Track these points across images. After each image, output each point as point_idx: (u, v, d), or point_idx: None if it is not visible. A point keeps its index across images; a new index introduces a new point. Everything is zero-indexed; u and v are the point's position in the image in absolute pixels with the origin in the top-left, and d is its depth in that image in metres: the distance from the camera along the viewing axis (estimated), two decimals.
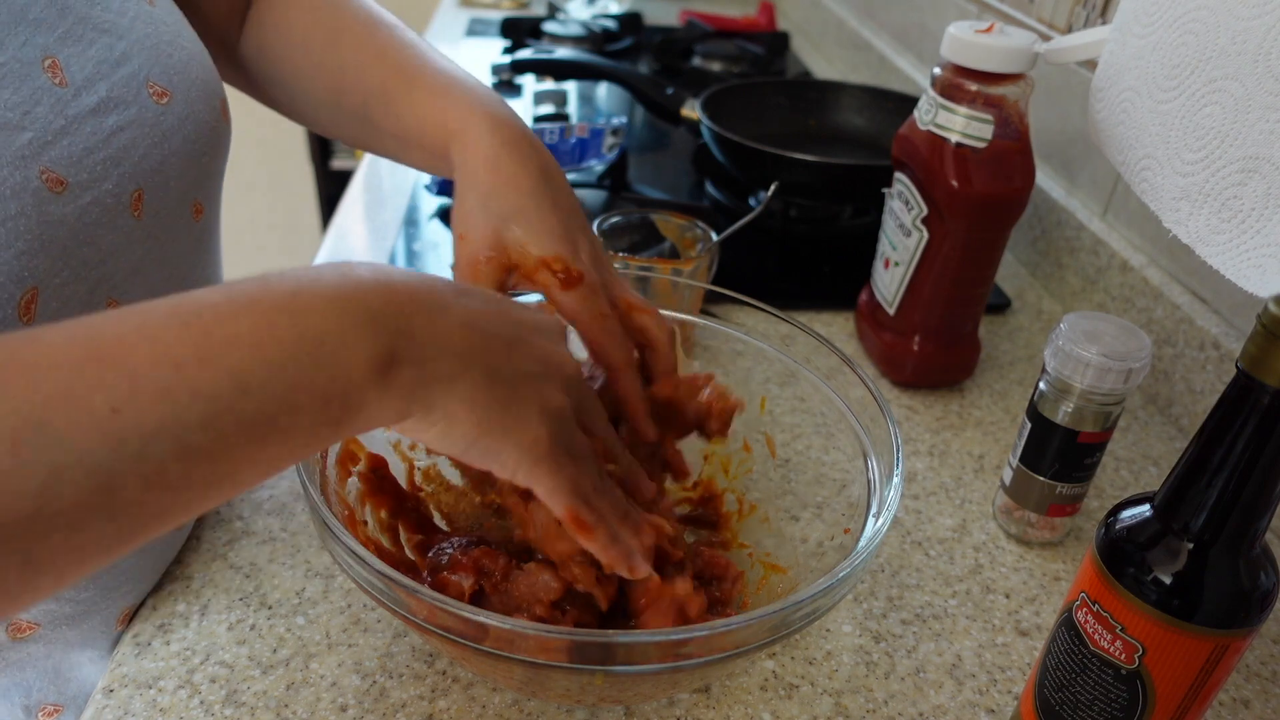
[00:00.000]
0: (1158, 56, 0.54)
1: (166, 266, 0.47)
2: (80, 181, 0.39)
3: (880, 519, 0.44)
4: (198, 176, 0.48)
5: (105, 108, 0.41)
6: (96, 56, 0.42)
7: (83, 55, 0.41)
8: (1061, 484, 0.57)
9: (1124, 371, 0.52)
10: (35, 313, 0.37)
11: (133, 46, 0.44)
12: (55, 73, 0.39)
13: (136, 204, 0.43)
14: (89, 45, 0.41)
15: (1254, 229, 0.48)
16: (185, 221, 0.48)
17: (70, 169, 0.39)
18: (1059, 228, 0.89)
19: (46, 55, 0.39)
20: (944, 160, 0.66)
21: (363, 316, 0.31)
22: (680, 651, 0.38)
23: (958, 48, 0.64)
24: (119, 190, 0.42)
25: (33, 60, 0.38)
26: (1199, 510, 0.37)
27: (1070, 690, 0.42)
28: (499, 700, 0.47)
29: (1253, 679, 0.53)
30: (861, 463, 0.50)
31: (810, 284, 0.89)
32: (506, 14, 1.67)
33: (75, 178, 0.39)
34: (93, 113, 0.40)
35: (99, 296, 0.42)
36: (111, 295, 0.42)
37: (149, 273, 0.45)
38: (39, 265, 0.37)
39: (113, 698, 0.46)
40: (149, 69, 0.44)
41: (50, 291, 0.38)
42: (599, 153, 0.99)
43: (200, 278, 0.52)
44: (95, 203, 0.40)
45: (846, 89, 1.10)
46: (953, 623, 0.54)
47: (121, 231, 0.42)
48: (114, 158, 0.41)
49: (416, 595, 0.37)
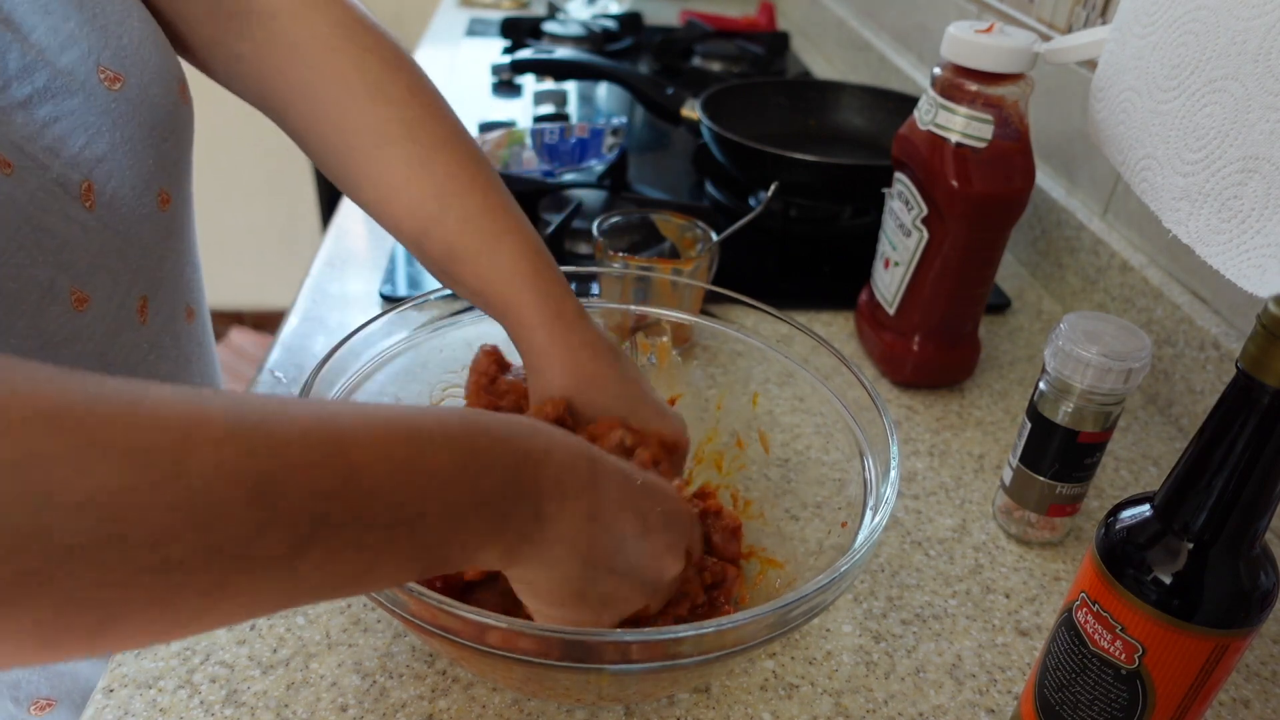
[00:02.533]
0: (1158, 56, 0.54)
1: (130, 258, 0.46)
2: (25, 166, 0.40)
3: (878, 515, 0.44)
4: (159, 163, 0.47)
5: (39, 98, 0.41)
6: (38, 43, 0.41)
7: (21, 44, 0.40)
8: (1061, 484, 0.57)
9: (1124, 371, 0.52)
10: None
11: (79, 28, 0.43)
12: None
13: (86, 194, 0.43)
14: (29, 31, 0.41)
15: (1254, 229, 0.48)
16: (149, 211, 0.47)
17: (13, 154, 0.39)
18: (1059, 228, 0.89)
19: None
20: (944, 160, 0.66)
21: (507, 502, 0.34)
22: (679, 650, 0.38)
23: (958, 48, 0.64)
24: (63, 179, 0.42)
25: None
26: (1199, 510, 0.37)
27: (1070, 690, 0.42)
28: (499, 700, 0.47)
29: (1253, 679, 0.53)
30: (858, 461, 0.50)
31: (810, 284, 0.89)
32: (506, 14, 1.67)
33: (19, 162, 0.39)
34: (21, 105, 0.40)
35: (61, 285, 0.42)
36: (75, 284, 0.42)
37: (112, 264, 0.45)
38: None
39: (113, 698, 0.46)
40: (98, 52, 0.43)
41: (7, 271, 0.38)
42: (599, 153, 0.99)
43: (173, 269, 0.51)
44: (41, 188, 0.40)
45: (846, 89, 1.10)
46: (953, 623, 0.54)
47: (75, 222, 0.42)
48: (50, 148, 0.41)
49: (412, 594, 0.37)
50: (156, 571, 0.24)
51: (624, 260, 0.69)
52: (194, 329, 0.57)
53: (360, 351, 0.53)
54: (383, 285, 0.81)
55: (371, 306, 0.80)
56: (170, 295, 0.51)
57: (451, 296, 0.56)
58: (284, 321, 0.78)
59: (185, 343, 0.55)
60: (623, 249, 0.73)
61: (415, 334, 0.56)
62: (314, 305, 0.80)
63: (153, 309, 0.49)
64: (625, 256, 0.70)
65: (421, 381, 0.57)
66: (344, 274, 0.85)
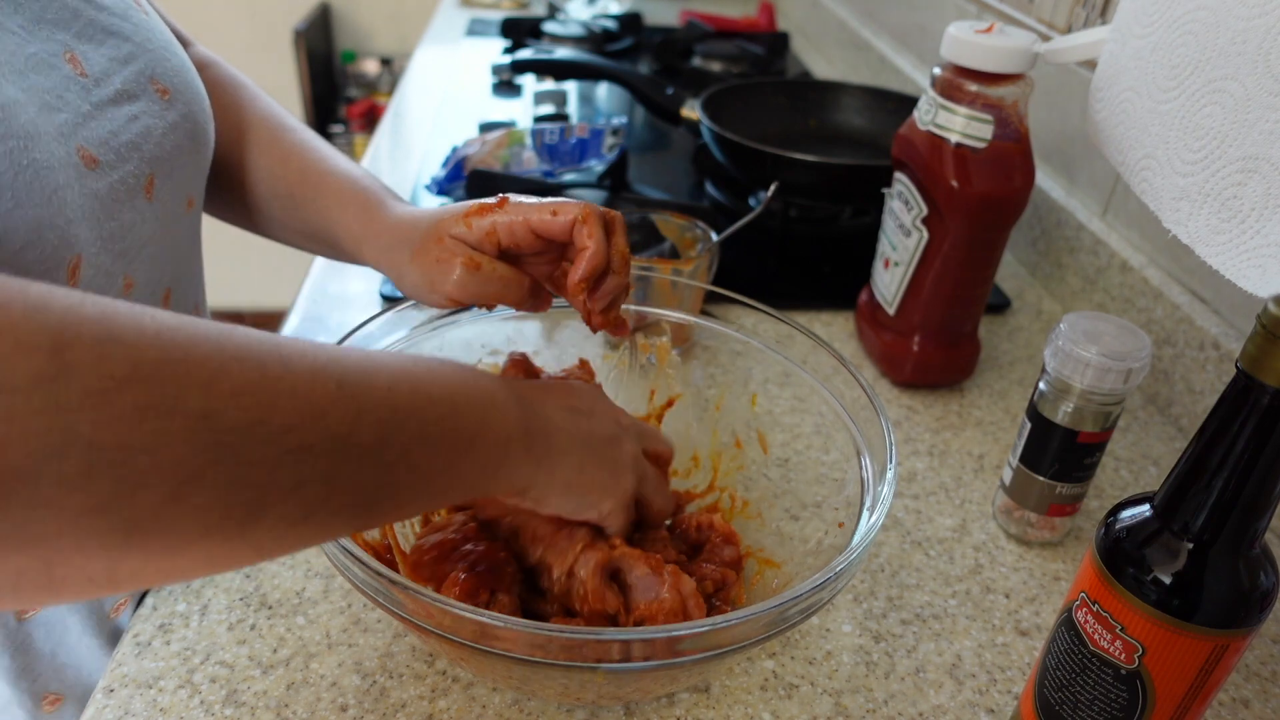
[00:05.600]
0: (1157, 57, 0.54)
1: (169, 249, 0.50)
2: (108, 161, 0.43)
3: (874, 515, 0.44)
4: (192, 171, 0.51)
5: (121, 98, 0.45)
6: (108, 54, 0.45)
7: (96, 52, 0.44)
8: (1061, 484, 0.57)
9: (1124, 371, 0.52)
10: (79, 279, 0.40)
11: (137, 49, 0.47)
12: (75, 64, 0.43)
13: (149, 188, 0.46)
14: (100, 45, 0.45)
15: (1254, 229, 0.48)
16: (182, 210, 0.51)
17: (100, 149, 0.42)
18: (1059, 228, 0.89)
19: (66, 50, 0.42)
20: (944, 160, 0.66)
21: (513, 396, 0.40)
22: (678, 648, 0.38)
23: (957, 48, 0.64)
24: (138, 173, 0.45)
25: (55, 53, 0.41)
26: (1199, 510, 0.37)
27: (1070, 690, 0.42)
28: (499, 700, 0.47)
29: (1253, 679, 0.53)
30: (856, 461, 0.50)
31: (810, 284, 0.89)
32: (506, 14, 1.67)
33: (105, 157, 0.43)
34: (112, 101, 0.44)
35: (118, 270, 0.44)
36: (127, 271, 0.45)
37: (155, 252, 0.48)
38: (81, 234, 0.40)
39: (113, 697, 0.46)
40: (152, 68, 0.48)
41: (89, 260, 0.41)
42: (599, 153, 0.99)
43: (191, 264, 0.55)
44: (120, 182, 0.44)
45: (846, 89, 1.10)
46: (953, 623, 0.54)
47: (137, 211, 0.45)
48: (133, 143, 0.45)
49: (412, 594, 0.37)
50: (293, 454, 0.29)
51: None
52: None
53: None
54: (383, 285, 0.81)
55: (371, 306, 0.80)
56: (186, 290, 0.54)
57: None
58: (284, 321, 0.78)
59: None
60: None
61: (413, 333, 0.56)
62: (314, 305, 0.80)
63: (174, 301, 0.52)
64: None
65: None
66: (344, 274, 0.85)
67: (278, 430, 0.28)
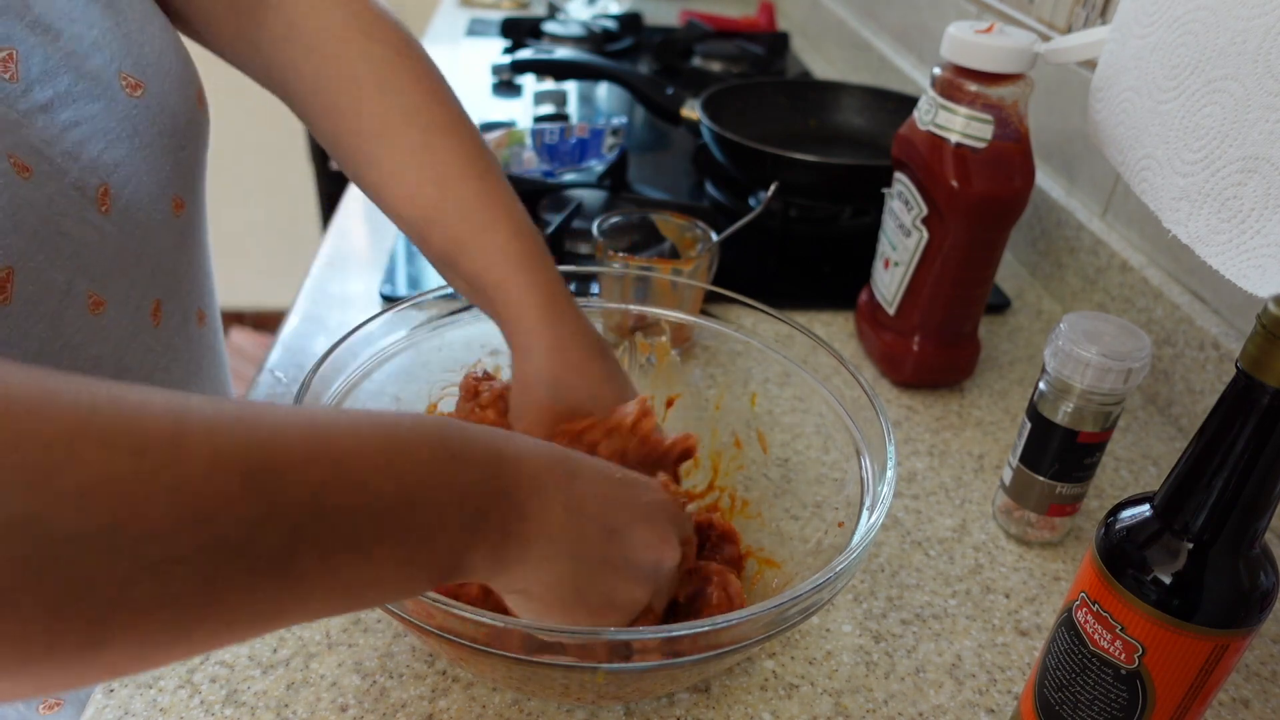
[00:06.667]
0: (1157, 57, 0.54)
1: (148, 262, 0.47)
2: (44, 171, 0.40)
3: (874, 515, 0.44)
4: (174, 170, 0.48)
5: (60, 103, 0.42)
6: (64, 48, 0.42)
7: (48, 47, 0.41)
8: (1061, 484, 0.57)
9: (1124, 371, 0.52)
10: (12, 292, 0.38)
11: (104, 35, 0.43)
12: (7, 67, 0.40)
13: (103, 199, 0.43)
14: (55, 36, 0.41)
15: (1254, 229, 0.48)
16: (164, 217, 0.48)
17: (32, 158, 0.40)
18: (1059, 228, 0.89)
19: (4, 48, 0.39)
20: (944, 160, 0.66)
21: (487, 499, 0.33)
22: (677, 648, 0.38)
23: (957, 48, 0.64)
24: (81, 183, 0.42)
25: None
26: (1199, 510, 0.37)
27: (1070, 690, 0.42)
28: (499, 700, 0.47)
29: (1253, 679, 0.53)
30: (856, 461, 0.50)
31: (810, 284, 0.89)
32: (506, 14, 1.67)
33: (39, 167, 0.40)
34: (42, 109, 0.41)
35: (78, 287, 0.42)
36: (91, 288, 0.43)
37: (129, 268, 0.45)
38: (13, 245, 0.38)
39: (113, 697, 0.46)
40: (121, 59, 0.44)
41: (26, 274, 0.39)
42: (599, 153, 0.99)
43: (186, 274, 0.52)
44: (60, 193, 0.41)
45: (846, 89, 1.10)
46: (953, 623, 0.54)
47: (92, 226, 0.43)
48: (69, 152, 0.42)
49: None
50: (155, 568, 0.23)
51: (624, 260, 0.69)
52: (205, 333, 0.57)
53: (359, 350, 0.53)
54: (383, 285, 0.81)
55: (371, 306, 0.80)
56: (183, 300, 0.52)
57: (450, 296, 0.56)
58: (284, 321, 0.78)
59: (197, 346, 0.56)
60: (623, 249, 0.73)
61: (414, 333, 0.56)
62: (314, 305, 0.80)
63: (166, 313, 0.50)
64: (625, 257, 0.70)
65: (420, 381, 0.57)
66: (344, 274, 0.85)
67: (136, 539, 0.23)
